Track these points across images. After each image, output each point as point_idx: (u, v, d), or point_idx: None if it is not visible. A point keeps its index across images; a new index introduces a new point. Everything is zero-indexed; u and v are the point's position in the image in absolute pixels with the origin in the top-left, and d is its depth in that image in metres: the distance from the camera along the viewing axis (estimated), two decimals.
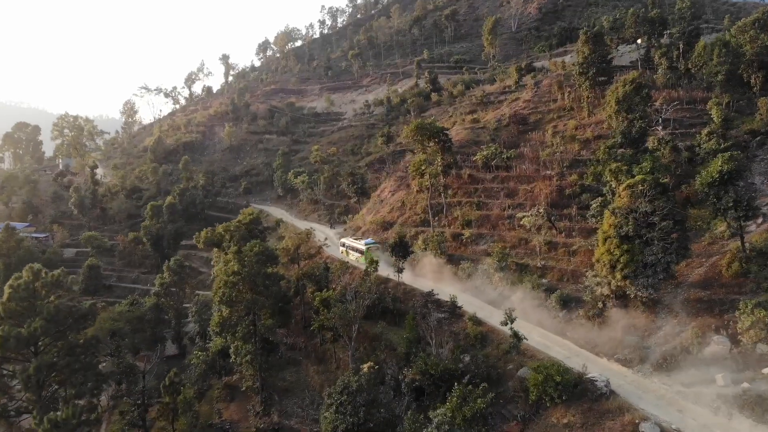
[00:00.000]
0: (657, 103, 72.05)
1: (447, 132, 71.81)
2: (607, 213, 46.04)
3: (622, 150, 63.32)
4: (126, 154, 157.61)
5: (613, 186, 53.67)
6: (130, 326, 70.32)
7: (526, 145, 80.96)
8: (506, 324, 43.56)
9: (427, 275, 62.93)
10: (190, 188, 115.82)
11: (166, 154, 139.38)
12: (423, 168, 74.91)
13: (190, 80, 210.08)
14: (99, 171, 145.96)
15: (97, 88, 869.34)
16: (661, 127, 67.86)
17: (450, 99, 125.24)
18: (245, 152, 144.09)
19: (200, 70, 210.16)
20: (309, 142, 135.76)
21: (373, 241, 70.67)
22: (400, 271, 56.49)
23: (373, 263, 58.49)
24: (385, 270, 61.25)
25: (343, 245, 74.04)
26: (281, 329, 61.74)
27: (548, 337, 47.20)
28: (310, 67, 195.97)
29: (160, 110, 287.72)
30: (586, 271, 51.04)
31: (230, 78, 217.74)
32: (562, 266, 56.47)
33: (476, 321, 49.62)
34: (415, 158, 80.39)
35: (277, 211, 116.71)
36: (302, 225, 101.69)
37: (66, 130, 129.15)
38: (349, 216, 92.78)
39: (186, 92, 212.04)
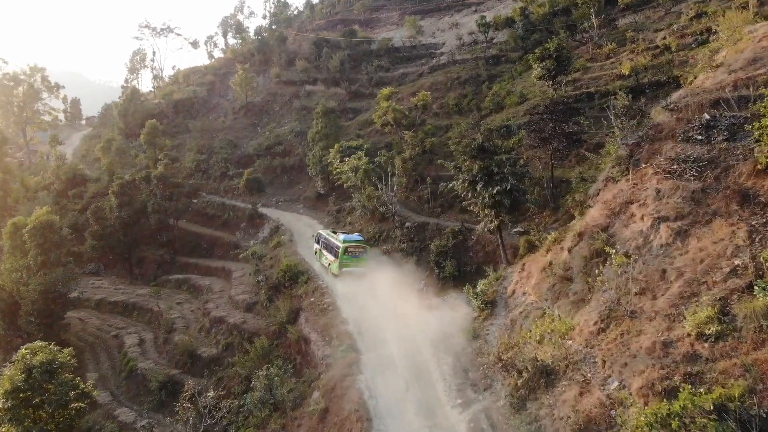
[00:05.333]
0: None
1: None
2: None
3: None
4: (104, 125, 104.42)
5: None
6: None
7: None
8: None
9: None
10: (140, 181, 58.85)
11: (144, 120, 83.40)
12: None
13: (225, 25, 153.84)
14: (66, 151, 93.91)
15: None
16: None
17: None
18: (272, 114, 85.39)
19: (239, 10, 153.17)
20: (378, 96, 74.08)
21: (358, 236, 39.40)
22: None
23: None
24: None
25: (318, 241, 42.36)
26: None
27: None
28: None
29: (154, 52, 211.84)
30: None
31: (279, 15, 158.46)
32: None
33: None
34: None
35: (307, 228, 57.06)
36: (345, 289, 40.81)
37: None
38: (489, 275, 29.43)
39: (222, 42, 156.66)
